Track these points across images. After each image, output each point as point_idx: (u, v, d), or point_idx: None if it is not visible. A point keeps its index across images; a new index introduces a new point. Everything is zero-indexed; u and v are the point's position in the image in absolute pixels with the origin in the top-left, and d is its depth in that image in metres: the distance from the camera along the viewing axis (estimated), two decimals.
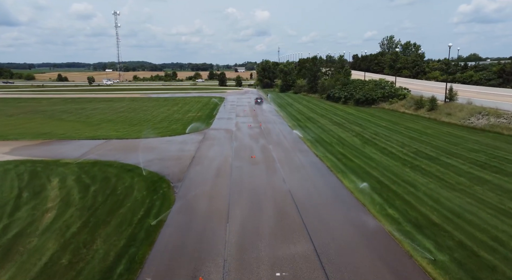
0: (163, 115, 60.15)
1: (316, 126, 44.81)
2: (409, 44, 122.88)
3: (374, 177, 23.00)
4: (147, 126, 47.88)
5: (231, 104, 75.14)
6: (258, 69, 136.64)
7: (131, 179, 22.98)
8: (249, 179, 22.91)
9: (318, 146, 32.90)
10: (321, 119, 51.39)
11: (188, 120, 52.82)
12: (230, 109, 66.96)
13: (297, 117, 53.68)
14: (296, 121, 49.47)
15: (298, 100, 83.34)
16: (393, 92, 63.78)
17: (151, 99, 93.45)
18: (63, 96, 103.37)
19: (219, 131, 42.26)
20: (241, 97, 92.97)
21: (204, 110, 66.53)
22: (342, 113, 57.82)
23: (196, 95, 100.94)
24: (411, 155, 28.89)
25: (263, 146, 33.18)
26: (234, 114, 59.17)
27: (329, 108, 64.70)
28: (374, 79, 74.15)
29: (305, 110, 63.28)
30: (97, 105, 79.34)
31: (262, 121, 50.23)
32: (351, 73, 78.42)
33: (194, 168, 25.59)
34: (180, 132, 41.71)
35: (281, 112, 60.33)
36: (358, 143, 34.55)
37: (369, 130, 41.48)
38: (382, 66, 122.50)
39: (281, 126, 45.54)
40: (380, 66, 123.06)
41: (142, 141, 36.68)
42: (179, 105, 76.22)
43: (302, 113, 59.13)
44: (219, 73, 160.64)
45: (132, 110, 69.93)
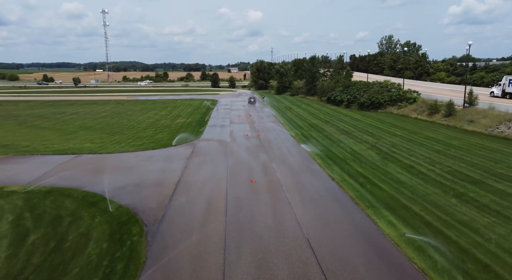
0: (149, 121, 54.04)
1: (322, 136, 39.12)
2: (409, 43, 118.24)
3: (417, 215, 17.31)
4: (129, 135, 41.79)
5: (225, 108, 69.19)
6: (253, 70, 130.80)
7: (91, 219, 16.97)
8: (251, 221, 16.93)
9: (331, 164, 27.16)
10: (326, 126, 45.74)
11: (177, 128, 46.80)
12: (223, 114, 61.03)
13: (299, 124, 47.94)
14: (299, 130, 43.71)
15: (296, 103, 77.73)
16: (401, 95, 58.44)
17: (138, 102, 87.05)
18: (44, 98, 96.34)
19: (211, 143, 36.32)
20: (235, 100, 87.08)
21: (195, 115, 60.51)
22: (348, 119, 52.27)
23: (187, 98, 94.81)
24: (448, 177, 23.33)
25: (264, 164, 27.34)
26: (228, 120, 53.25)
27: (332, 113, 59.14)
28: (379, 81, 68.88)
29: (306, 115, 57.63)
30: (79, 109, 72.82)
31: (260, 129, 44.40)
32: (352, 74, 73.17)
33: (177, 201, 19.63)
34: (166, 144, 35.69)
35: (280, 118, 54.58)
36: (377, 158, 28.94)
37: (384, 140, 35.95)
38: (382, 67, 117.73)
39: (282, 136, 39.74)
40: (380, 66, 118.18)
41: (119, 157, 30.62)
42: (168, 109, 70.07)
43: (303, 119, 53.44)
44: (211, 73, 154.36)
45: (116, 114, 63.64)
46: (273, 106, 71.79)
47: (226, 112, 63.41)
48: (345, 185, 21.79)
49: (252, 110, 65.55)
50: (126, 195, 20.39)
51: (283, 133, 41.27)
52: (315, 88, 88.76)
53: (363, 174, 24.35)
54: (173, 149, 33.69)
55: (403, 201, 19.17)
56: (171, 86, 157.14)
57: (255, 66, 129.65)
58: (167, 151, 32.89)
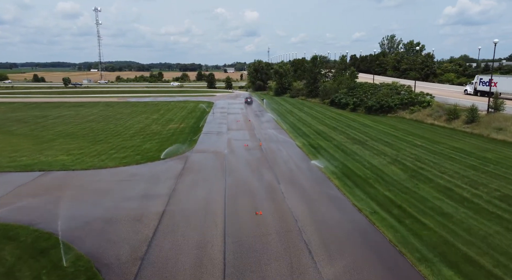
0: (138, 127, 48.97)
1: (333, 147, 34.30)
2: (413, 43, 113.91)
3: (493, 276, 12.48)
4: (113, 145, 36.76)
5: (221, 112, 64.21)
6: (250, 70, 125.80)
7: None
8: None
9: (352, 186, 22.31)
10: (335, 134, 40.92)
11: (168, 135, 41.81)
12: (220, 118, 56.07)
13: (304, 131, 43.08)
14: (305, 138, 38.84)
15: (297, 106, 72.92)
16: (413, 99, 53.81)
17: (129, 104, 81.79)
18: (29, 100, 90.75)
19: (206, 155, 31.33)
20: (232, 103, 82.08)
21: (189, 119, 55.52)
22: (357, 124, 47.50)
23: (181, 99, 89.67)
24: (503, 207, 18.57)
25: (270, 187, 22.43)
26: (225, 125, 48.29)
27: (337, 118, 54.38)
28: (387, 83, 64.27)
29: (310, 120, 52.80)
30: (64, 112, 67.49)
31: (261, 137, 39.47)
32: (357, 75, 68.50)
33: (158, 248, 14.59)
34: (153, 157, 30.69)
35: (282, 123, 49.68)
36: (403, 177, 24.17)
37: (404, 152, 31.19)
38: (385, 68, 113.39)
39: (287, 147, 34.83)
40: (382, 67, 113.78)
41: (95, 175, 25.59)
42: (161, 112, 64.98)
43: (308, 124, 48.59)
44: (207, 73, 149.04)
45: (103, 118, 58.47)
46: (273, 109, 66.94)
47: (223, 116, 58.44)
48: (378, 221, 16.91)
49: (251, 114, 60.65)
50: (91, 237, 15.39)
51: (287, 143, 36.33)
52: (317, 90, 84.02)
53: (394, 202, 19.51)
54: (161, 163, 28.69)
55: (462, 248, 14.33)
56: (165, 86, 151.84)
57: (252, 66, 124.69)
58: (153, 166, 27.88)
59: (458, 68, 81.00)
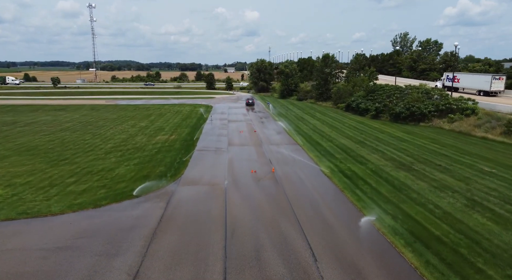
0: (119, 138, 39.98)
1: (372, 175, 25.16)
2: (429, 41, 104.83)
3: None
4: (77, 167, 27.76)
5: (221, 118, 55.15)
6: (252, 70, 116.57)
7: None
8: None
9: (443, 269, 13.25)
10: (365, 152, 31.83)
11: (152, 152, 32.80)
12: (219, 127, 46.99)
13: (325, 148, 33.97)
14: (330, 159, 29.68)
15: (308, 111, 63.83)
16: (451, 104, 44.71)
17: (117, 107, 72.70)
18: (6, 102, 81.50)
19: (197, 191, 22.18)
20: (233, 107, 72.95)
21: (183, 128, 46.49)
22: (387, 137, 38.41)
23: (176, 102, 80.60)
24: None
25: (301, 269, 13.38)
26: (225, 138, 39.19)
27: (360, 127, 45.30)
28: (414, 85, 55.22)
29: (328, 130, 43.70)
30: (40, 117, 58.45)
31: (273, 158, 30.27)
32: (377, 76, 59.36)
33: None
34: (124, 192, 21.64)
35: (295, 135, 40.56)
36: (508, 239, 15.17)
37: (476, 185, 22.15)
38: (399, 68, 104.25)
39: (311, 177, 25.59)
40: (397, 67, 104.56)
41: (15, 235, 16.54)
42: (151, 119, 55.94)
43: (327, 137, 39.49)
44: (207, 73, 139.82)
45: (82, 126, 49.46)
46: (281, 115, 57.88)
47: (223, 124, 49.36)
48: None
49: (256, 122, 51.55)
50: None
51: (310, 169, 27.09)
52: (328, 92, 75.01)
53: None
54: (131, 207, 19.58)
55: None
56: (162, 87, 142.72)
57: (255, 66, 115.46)
58: (117, 214, 18.76)
59: (487, 68, 71.85)
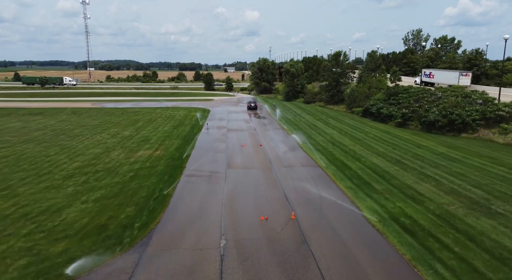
0: (91, 154, 31.86)
1: (441, 224, 16.91)
2: (446, 38, 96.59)
3: None
4: (11, 207, 19.59)
5: (219, 126, 46.91)
6: (254, 70, 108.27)
7: None
8: None
9: None
10: (412, 179, 23.61)
11: (127, 177, 24.62)
12: (216, 139, 38.73)
13: (356, 172, 25.69)
14: (368, 192, 21.40)
15: (319, 116, 55.61)
16: (502, 112, 36.54)
17: (102, 111, 64.45)
18: None
19: (177, 262, 13.97)
20: (233, 111, 64.68)
21: (172, 139, 38.30)
22: (429, 154, 30.18)
23: (170, 105, 72.35)
24: None
25: None
26: (223, 156, 30.92)
27: (389, 139, 37.08)
28: (447, 87, 47.07)
29: (351, 143, 35.48)
30: (8, 123, 50.21)
31: (290, 192, 21.93)
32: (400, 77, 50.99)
33: None
34: (54, 264, 13.48)
35: (313, 152, 32.24)
36: None
37: None
38: (414, 67, 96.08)
39: (350, 226, 17.38)
40: (411, 67, 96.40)
41: None
42: (138, 125, 47.76)
43: (353, 153, 31.23)
44: (205, 73, 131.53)
45: (53, 135, 41.30)
46: (290, 122, 49.69)
47: (221, 135, 41.13)
48: None
49: (261, 131, 43.30)
50: None
51: (346, 214, 18.53)
52: (340, 95, 66.84)
53: None
54: None
55: None
56: (158, 88, 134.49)
57: (256, 65, 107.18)
58: None
59: None
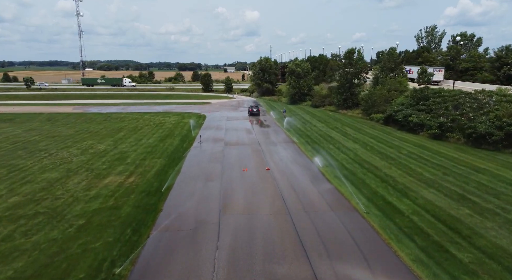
0: (46, 179, 23.76)
1: None
2: (466, 35, 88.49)
3: None
4: None
5: (215, 138, 38.69)
6: (255, 70, 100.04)
7: None
8: None
9: None
10: (502, 234, 15.58)
11: (77, 226, 16.43)
12: (209, 158, 30.44)
13: (414, 221, 17.52)
14: (452, 270, 13.44)
15: (333, 124, 47.47)
16: None
17: (83, 117, 56.33)
18: None
19: None
20: (233, 117, 56.52)
21: (155, 158, 30.11)
22: (502, 185, 22.09)
23: (162, 110, 64.25)
24: None
25: None
26: (216, 189, 22.65)
27: (432, 158, 28.91)
28: (491, 91, 39.01)
29: (385, 164, 27.29)
30: None
31: (321, 254, 13.97)
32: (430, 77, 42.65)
33: None
34: None
35: (341, 181, 24.11)
36: None
37: None
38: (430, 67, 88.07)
39: None
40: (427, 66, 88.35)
41: None
42: (118, 136, 39.71)
43: (394, 184, 23.05)
44: (204, 73, 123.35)
45: (11, 150, 33.27)
46: (299, 132, 41.51)
47: (217, 151, 32.94)
48: None
49: (266, 147, 35.05)
50: None
51: None
52: (355, 98, 58.76)
53: None
54: None
55: None
56: (153, 89, 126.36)
57: (258, 65, 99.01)
58: None
59: None
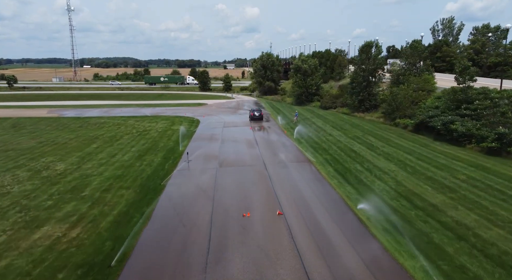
0: None
1: None
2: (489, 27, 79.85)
3: None
4: None
5: (207, 155, 30.13)
6: (256, 67, 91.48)
7: None
8: None
9: None
10: None
11: None
12: (197, 189, 21.91)
13: None
14: None
15: (353, 132, 39.08)
16: None
17: (56, 122, 47.96)
18: None
19: None
20: (231, 123, 48.07)
21: (121, 190, 21.60)
22: None
23: (149, 113, 55.95)
24: None
25: None
26: (200, 252, 14.43)
27: (504, 188, 20.65)
28: None
29: (445, 202, 18.97)
30: None
31: None
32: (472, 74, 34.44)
33: None
34: None
35: (390, 236, 15.92)
36: None
37: None
38: (451, 62, 79.45)
39: None
40: (447, 62, 79.70)
41: None
42: (89, 149, 31.40)
43: (470, 240, 14.84)
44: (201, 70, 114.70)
45: None
46: (314, 145, 33.12)
47: (207, 178, 24.44)
48: None
49: (274, 169, 26.44)
50: None
51: None
52: (374, 99, 50.43)
53: None
54: None
55: None
56: (146, 88, 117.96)
57: (259, 61, 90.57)
58: None
59: None
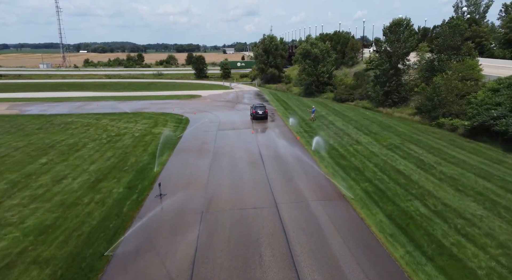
0: None
1: None
2: None
3: None
4: None
5: (189, 181, 20.54)
6: (257, 52, 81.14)
7: None
8: None
9: None
10: None
11: None
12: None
13: None
14: None
15: (384, 137, 29.72)
16: None
17: (10, 122, 38.63)
18: None
19: None
20: (228, 124, 38.60)
21: (42, 254, 12.59)
22: None
23: (131, 109, 46.53)
24: None
25: None
26: None
27: None
28: None
29: None
30: None
31: None
32: None
33: None
34: None
35: None
36: None
37: None
38: (481, 44, 69.49)
39: None
40: (477, 43, 69.53)
41: None
42: (33, 167, 22.09)
43: None
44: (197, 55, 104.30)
45: None
46: (341, 163, 23.95)
47: (187, 237, 15.40)
48: None
49: (289, 215, 17.08)
50: None
51: None
52: (402, 90, 41.06)
53: None
54: None
55: None
56: (137, 75, 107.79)
57: (261, 45, 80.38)
58: None
59: None
